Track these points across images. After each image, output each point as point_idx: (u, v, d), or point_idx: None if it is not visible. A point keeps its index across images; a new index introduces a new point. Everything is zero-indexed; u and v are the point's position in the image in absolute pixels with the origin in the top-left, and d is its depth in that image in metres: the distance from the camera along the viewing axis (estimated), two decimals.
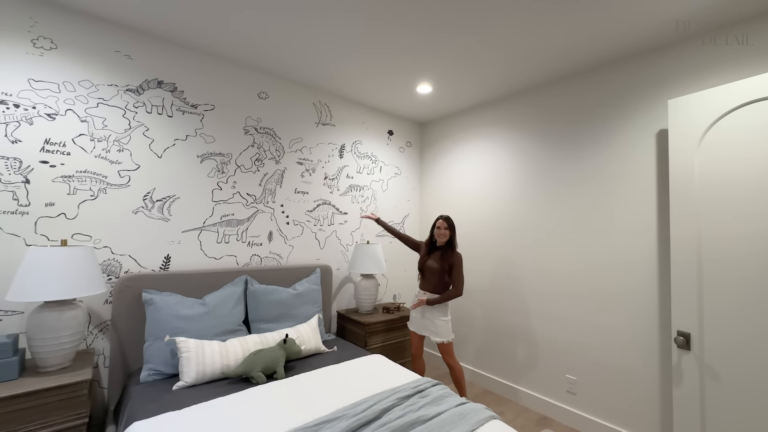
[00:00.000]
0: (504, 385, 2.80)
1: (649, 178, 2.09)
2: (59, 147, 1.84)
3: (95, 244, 1.93)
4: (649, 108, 2.10)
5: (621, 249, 2.20)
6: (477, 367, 3.04)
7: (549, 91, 2.60)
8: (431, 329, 2.36)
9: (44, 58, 1.80)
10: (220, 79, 2.38)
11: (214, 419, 1.41)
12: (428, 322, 2.37)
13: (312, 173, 2.85)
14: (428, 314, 2.37)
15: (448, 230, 2.37)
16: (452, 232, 2.39)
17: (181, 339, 1.82)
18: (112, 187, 1.98)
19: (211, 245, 2.33)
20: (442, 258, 2.36)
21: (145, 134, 2.09)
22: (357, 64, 2.40)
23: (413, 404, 1.55)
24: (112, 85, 1.99)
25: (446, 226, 2.37)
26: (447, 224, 2.38)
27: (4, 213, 1.70)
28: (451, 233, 2.39)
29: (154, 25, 2.01)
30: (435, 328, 2.34)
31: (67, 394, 1.50)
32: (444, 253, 2.37)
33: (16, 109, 1.73)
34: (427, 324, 2.38)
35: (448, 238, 2.38)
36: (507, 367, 2.81)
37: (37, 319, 1.55)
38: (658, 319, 2.04)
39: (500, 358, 2.86)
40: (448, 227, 2.37)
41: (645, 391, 2.08)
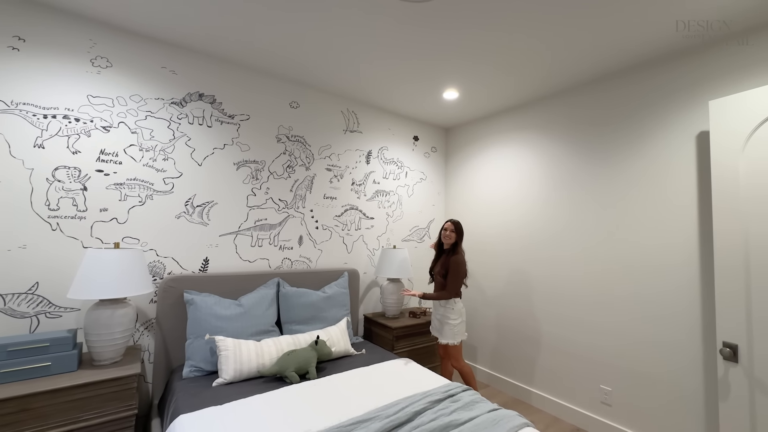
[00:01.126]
0: (533, 393, 2.74)
1: (690, 181, 2.01)
2: (112, 157, 1.99)
3: (142, 246, 2.07)
4: (688, 110, 2.03)
5: (659, 255, 2.12)
6: (505, 375, 2.98)
7: (581, 94, 2.56)
8: (440, 331, 2.39)
9: (101, 75, 1.97)
10: (255, 90, 2.50)
11: (253, 415, 1.48)
12: (438, 324, 2.41)
13: (340, 179, 2.92)
14: (438, 316, 2.40)
15: (454, 233, 2.41)
16: (458, 236, 2.42)
17: (220, 338, 1.91)
18: (158, 193, 2.12)
19: (246, 249, 2.44)
20: (444, 262, 2.40)
21: (187, 144, 2.22)
22: (385, 71, 2.46)
23: (445, 408, 1.55)
24: (159, 98, 2.14)
25: (453, 228, 2.42)
26: (454, 227, 2.43)
27: (65, 218, 1.86)
28: (458, 237, 2.42)
29: (195, 42, 2.15)
30: (443, 330, 2.37)
31: (119, 386, 1.61)
32: (447, 257, 2.41)
33: (76, 123, 1.89)
34: (438, 326, 2.42)
35: (453, 241, 2.41)
36: (537, 375, 2.74)
37: (93, 316, 1.68)
38: (700, 328, 1.95)
39: (529, 366, 2.80)
40: (454, 230, 2.42)
41: (688, 405, 1.98)
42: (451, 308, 2.35)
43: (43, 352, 1.56)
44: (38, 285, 1.78)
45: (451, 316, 2.34)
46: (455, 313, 2.34)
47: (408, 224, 3.38)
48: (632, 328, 2.22)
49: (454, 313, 2.34)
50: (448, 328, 2.34)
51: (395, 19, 1.85)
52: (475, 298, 3.27)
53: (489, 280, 3.15)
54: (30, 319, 1.76)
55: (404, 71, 2.44)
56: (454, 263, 2.34)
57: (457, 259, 2.35)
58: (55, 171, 1.84)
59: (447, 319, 2.34)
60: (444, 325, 2.36)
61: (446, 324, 2.35)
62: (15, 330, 1.73)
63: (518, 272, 2.91)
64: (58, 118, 1.84)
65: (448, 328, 2.34)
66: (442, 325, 2.37)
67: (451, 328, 2.34)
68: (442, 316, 2.37)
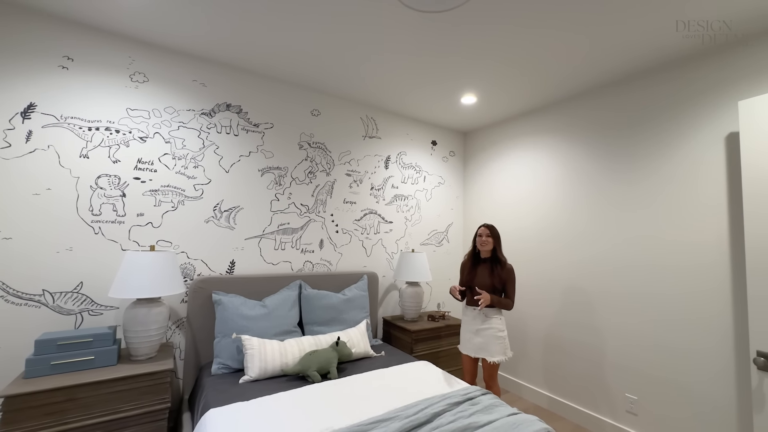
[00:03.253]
0: (554, 400, 2.69)
1: (719, 183, 1.95)
2: (148, 165, 2.13)
3: (174, 249, 2.19)
4: (717, 111, 1.97)
5: (687, 258, 2.06)
6: (526, 381, 2.94)
7: (604, 95, 2.52)
8: (484, 348, 2.14)
9: (138, 89, 2.11)
10: (278, 99, 2.60)
11: (278, 411, 1.54)
12: (481, 341, 2.16)
13: (359, 184, 2.99)
14: (483, 331, 2.16)
15: (491, 238, 2.22)
16: (496, 241, 2.23)
17: (246, 337, 2.00)
18: (189, 199, 2.25)
19: (270, 252, 2.53)
20: (492, 274, 2.19)
21: (215, 152, 2.34)
22: (403, 78, 2.51)
23: (464, 411, 1.57)
24: (190, 109, 2.27)
25: (488, 233, 2.22)
26: (489, 231, 2.23)
27: (107, 222, 2.00)
28: (495, 243, 2.22)
29: (223, 55, 2.27)
30: (489, 346, 2.13)
31: (154, 380, 1.71)
32: (493, 268, 2.20)
33: (116, 134, 2.04)
34: (481, 343, 2.16)
35: (491, 247, 2.22)
36: (558, 382, 2.70)
37: (131, 314, 1.79)
38: (732, 336, 1.88)
39: (551, 372, 2.75)
40: (490, 235, 2.22)
41: (719, 416, 1.91)
42: (501, 319, 2.18)
43: (87, 346, 1.69)
44: (82, 284, 1.93)
45: (502, 328, 2.16)
46: (504, 325, 2.19)
47: (426, 228, 3.41)
48: (659, 334, 2.16)
49: (502, 324, 2.18)
50: (500, 343, 2.13)
51: (414, 27, 1.90)
52: None
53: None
54: (75, 316, 1.91)
55: (422, 77, 2.48)
56: (512, 272, 2.19)
57: (512, 269, 2.20)
58: (98, 179, 1.98)
59: (499, 332, 2.13)
60: (495, 340, 2.12)
61: (497, 338, 2.12)
62: (62, 326, 1.87)
63: (537, 276, 2.88)
64: (100, 130, 2.00)
65: (499, 342, 2.12)
66: (492, 341, 2.12)
67: (502, 342, 2.14)
68: (495, 330, 2.14)
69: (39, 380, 1.53)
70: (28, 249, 1.81)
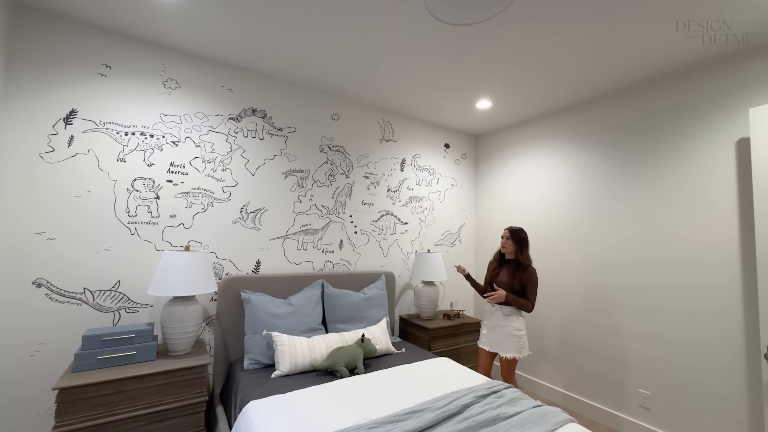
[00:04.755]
0: (568, 396, 2.78)
1: (730, 186, 2.04)
2: (180, 168, 2.21)
3: (204, 249, 2.27)
4: (728, 117, 2.06)
5: (698, 259, 2.14)
6: (538, 377, 3.03)
7: (617, 101, 2.61)
8: (499, 343, 2.28)
9: (171, 96, 2.20)
10: (301, 104, 2.69)
11: (315, 403, 1.63)
12: (497, 336, 2.29)
13: (376, 186, 3.07)
14: (500, 328, 2.28)
15: (510, 241, 2.31)
16: (519, 245, 2.30)
17: (276, 334, 2.08)
18: (218, 201, 2.33)
19: (293, 252, 2.62)
20: (514, 274, 2.28)
21: (242, 155, 2.43)
22: (420, 83, 2.60)
23: (491, 403, 1.65)
24: (219, 114, 2.35)
25: (508, 236, 2.33)
26: (510, 234, 2.33)
27: (142, 223, 2.08)
28: (518, 246, 2.30)
29: (250, 61, 2.35)
30: (503, 342, 2.26)
31: (192, 374, 1.79)
32: (516, 269, 2.29)
33: (151, 139, 2.12)
34: (497, 338, 2.29)
35: (512, 249, 2.31)
36: (572, 378, 2.78)
37: (169, 311, 1.87)
38: (743, 332, 1.96)
39: (565, 369, 2.84)
40: (510, 238, 2.32)
41: (730, 410, 1.99)
42: (519, 318, 2.29)
43: (129, 342, 1.76)
44: (120, 283, 2.01)
45: (519, 326, 2.28)
46: (522, 324, 2.30)
47: (440, 229, 3.49)
48: (671, 330, 2.24)
49: (521, 323, 2.29)
50: (515, 341, 2.24)
51: (437, 36, 1.99)
52: None
53: None
54: (113, 313, 1.99)
55: (440, 82, 2.57)
56: (533, 276, 2.27)
57: (535, 272, 2.28)
58: (134, 182, 2.06)
59: (516, 331, 2.25)
60: (511, 338, 2.24)
61: (514, 336, 2.24)
62: (101, 323, 1.95)
63: (550, 275, 2.96)
64: (136, 135, 2.08)
65: (515, 340, 2.24)
66: (508, 338, 2.25)
67: (518, 340, 2.25)
68: (512, 328, 2.26)
69: (87, 374, 1.61)
70: (70, 249, 1.89)
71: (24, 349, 1.77)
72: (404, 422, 1.44)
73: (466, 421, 1.48)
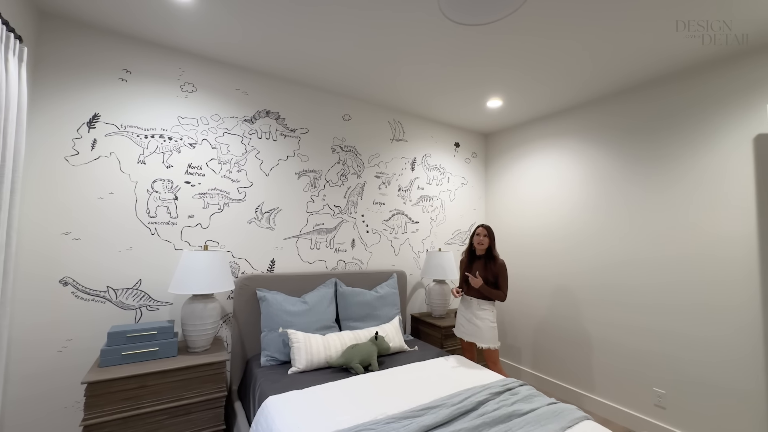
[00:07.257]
0: (582, 395, 2.77)
1: (748, 181, 2.01)
2: (197, 170, 2.26)
3: (221, 249, 2.32)
4: (745, 113, 2.03)
5: (714, 255, 2.12)
6: (551, 376, 3.02)
7: (629, 98, 2.59)
8: (477, 335, 2.37)
9: (188, 99, 2.25)
10: (313, 105, 2.73)
11: (333, 398, 1.66)
12: (474, 328, 2.39)
13: (388, 185, 3.09)
14: (476, 320, 2.39)
15: (487, 238, 2.43)
16: (491, 240, 2.44)
17: (292, 331, 2.12)
18: (233, 201, 2.38)
19: (306, 251, 2.66)
20: (486, 268, 2.40)
21: (256, 156, 2.47)
22: (430, 84, 2.61)
23: (506, 400, 1.66)
24: (234, 117, 2.40)
25: (486, 233, 2.44)
26: (486, 232, 2.44)
27: (161, 223, 2.14)
28: (491, 242, 2.44)
29: (264, 64, 2.39)
30: (482, 334, 2.35)
31: (212, 370, 1.84)
32: (487, 264, 2.41)
33: (169, 141, 2.18)
34: (474, 330, 2.39)
35: (487, 245, 2.43)
36: (584, 377, 2.77)
37: (189, 309, 1.93)
38: (761, 327, 1.94)
39: (578, 368, 2.83)
40: (487, 235, 2.43)
41: (749, 409, 1.97)
42: (493, 311, 2.41)
43: (151, 338, 1.82)
44: (141, 282, 2.07)
45: (493, 319, 2.39)
46: (494, 316, 2.41)
47: (450, 228, 3.50)
48: (686, 327, 2.22)
49: (494, 316, 2.40)
50: (490, 331, 2.35)
51: (449, 36, 2.00)
52: (519, 300, 3.32)
53: (531, 282, 3.20)
54: (135, 311, 2.05)
55: (451, 83, 2.58)
56: (503, 267, 2.39)
57: (503, 264, 2.40)
58: (154, 183, 2.12)
59: (489, 322, 2.37)
60: (484, 329, 2.35)
61: (488, 327, 2.35)
62: (124, 320, 2.01)
63: (560, 274, 2.95)
64: (155, 138, 2.14)
65: (490, 330, 2.35)
66: (480, 329, 2.36)
67: (492, 330, 2.36)
68: (484, 319, 2.37)
69: (113, 369, 1.67)
70: (94, 249, 1.96)
71: (52, 344, 1.84)
72: (421, 418, 1.47)
73: (482, 418, 1.50)
